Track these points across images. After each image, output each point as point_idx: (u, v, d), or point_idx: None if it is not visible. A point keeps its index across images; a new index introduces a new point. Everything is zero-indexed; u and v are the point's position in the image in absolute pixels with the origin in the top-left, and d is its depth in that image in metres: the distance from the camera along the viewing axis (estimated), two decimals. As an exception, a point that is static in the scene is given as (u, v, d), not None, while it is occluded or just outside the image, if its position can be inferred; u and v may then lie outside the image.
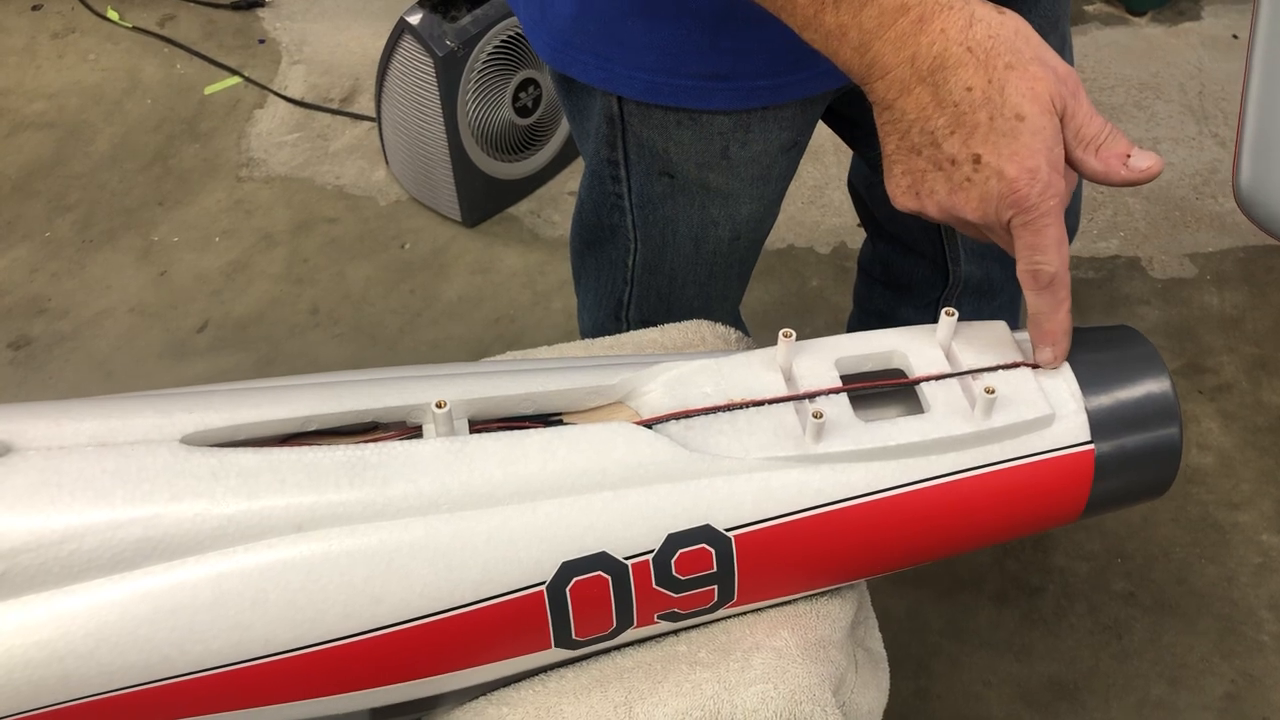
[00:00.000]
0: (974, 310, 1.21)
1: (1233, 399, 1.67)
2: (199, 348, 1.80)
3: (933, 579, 1.48)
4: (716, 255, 1.03)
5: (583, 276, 1.15)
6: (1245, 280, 1.82)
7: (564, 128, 2.03)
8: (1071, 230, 1.16)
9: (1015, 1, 0.93)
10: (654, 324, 0.98)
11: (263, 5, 2.42)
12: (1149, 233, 1.91)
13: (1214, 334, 1.75)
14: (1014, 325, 0.78)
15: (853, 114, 1.08)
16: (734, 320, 1.17)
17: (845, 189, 1.24)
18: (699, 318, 0.97)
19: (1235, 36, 2.25)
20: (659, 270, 1.05)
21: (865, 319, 1.36)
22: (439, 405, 0.67)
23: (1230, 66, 2.19)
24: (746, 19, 0.81)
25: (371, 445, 0.65)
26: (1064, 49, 1.02)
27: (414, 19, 1.79)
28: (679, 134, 0.90)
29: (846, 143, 1.15)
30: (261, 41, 2.35)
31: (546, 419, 0.72)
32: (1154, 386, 0.73)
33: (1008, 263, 1.15)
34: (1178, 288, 1.82)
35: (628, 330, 1.12)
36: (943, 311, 0.73)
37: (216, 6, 2.42)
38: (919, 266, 1.19)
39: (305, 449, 0.65)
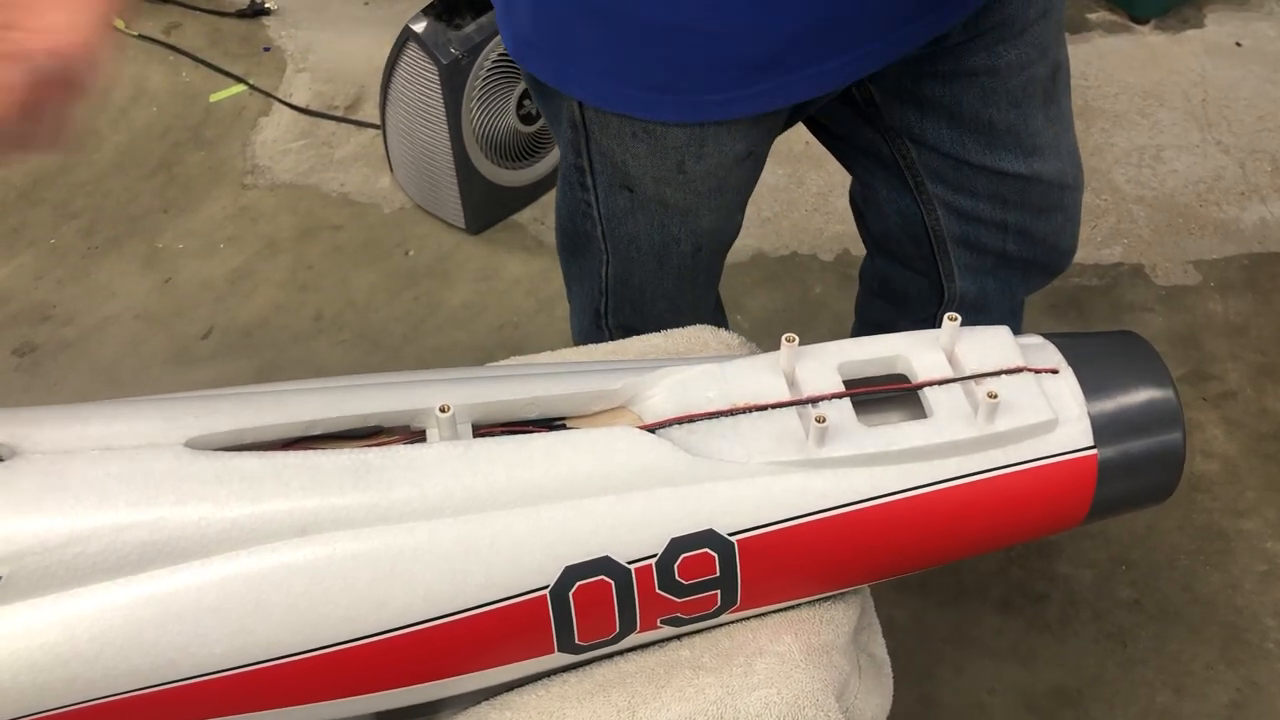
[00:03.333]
0: (972, 325, 1.21)
1: (1237, 406, 1.66)
2: (203, 354, 1.80)
3: (937, 586, 1.48)
4: (681, 269, 1.04)
5: (570, 283, 1.17)
6: (1249, 287, 1.82)
7: (568, 135, 2.03)
8: (1066, 253, 1.15)
9: (1001, 28, 0.94)
10: (632, 331, 0.98)
11: (268, 13, 2.43)
12: (1152, 240, 1.91)
13: (1218, 341, 1.75)
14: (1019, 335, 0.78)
15: (835, 128, 1.09)
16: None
17: (848, 196, 1.24)
18: (671, 326, 0.97)
19: (1239, 44, 2.25)
20: (629, 283, 1.06)
21: (864, 330, 1.36)
22: (443, 409, 0.67)
23: (1234, 73, 2.19)
24: (694, 31, 0.81)
25: (375, 449, 0.65)
26: (1056, 74, 1.02)
27: (418, 27, 1.80)
28: (635, 146, 0.91)
29: (837, 157, 1.15)
30: (267, 49, 2.35)
31: (550, 423, 0.72)
32: (1157, 391, 0.73)
33: (1002, 278, 1.16)
34: (1181, 295, 1.82)
35: (610, 337, 1.13)
36: (945, 316, 0.73)
37: (222, 15, 2.43)
38: (914, 282, 1.19)
39: (309, 453, 0.65)
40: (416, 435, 0.70)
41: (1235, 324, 1.77)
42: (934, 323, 1.22)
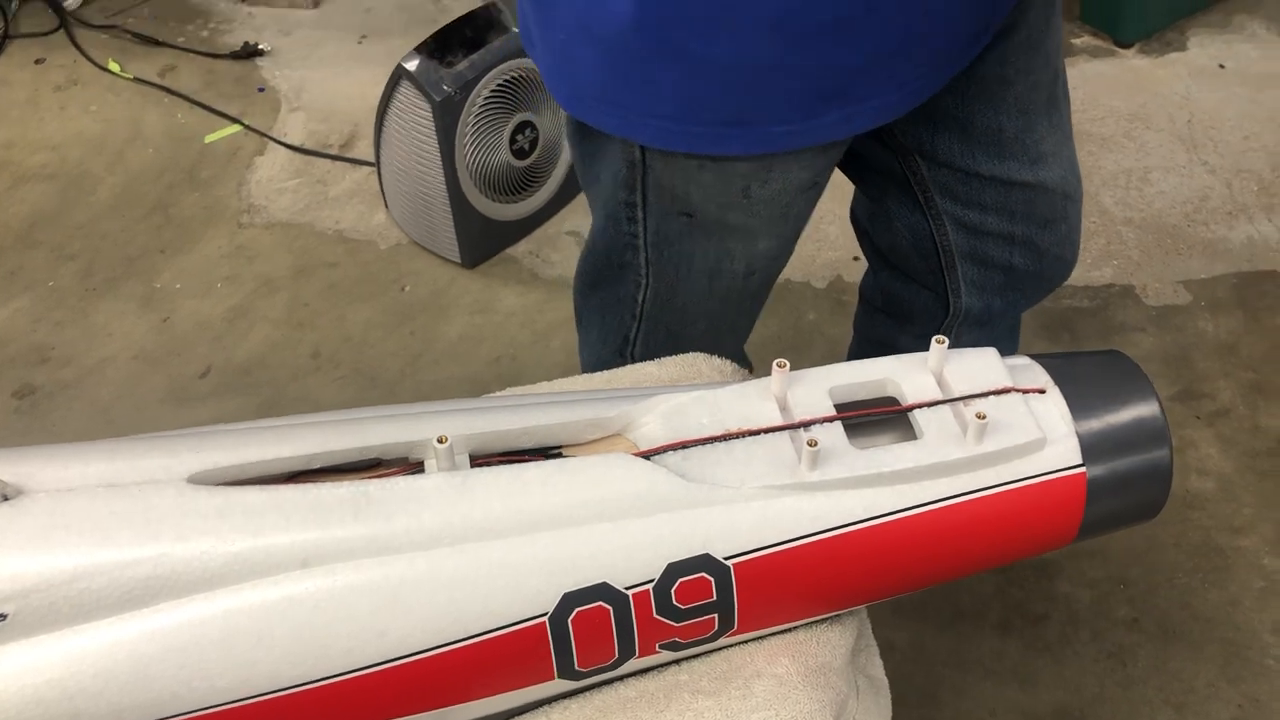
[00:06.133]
0: (973, 340, 1.22)
1: (1230, 424, 1.67)
2: (201, 393, 1.81)
3: (935, 608, 1.48)
4: (730, 290, 1.04)
5: (586, 314, 1.16)
6: (1239, 306, 1.84)
7: (561, 169, 2.05)
8: (1069, 264, 1.17)
9: (1009, 36, 0.96)
10: (659, 355, 0.99)
11: (262, 54, 2.46)
12: (1142, 260, 1.92)
13: (1209, 360, 1.76)
14: (1011, 354, 0.79)
15: (854, 147, 1.10)
16: (738, 356, 1.18)
17: (840, 223, 1.25)
18: (708, 349, 0.98)
19: (1222, 66, 2.28)
20: (670, 305, 1.06)
21: (865, 347, 1.36)
22: (440, 440, 0.68)
23: (1217, 95, 2.22)
24: (761, 66, 0.83)
25: (375, 481, 0.66)
26: (1057, 80, 1.04)
27: (411, 65, 1.82)
28: (701, 177, 0.92)
29: (847, 175, 1.17)
30: (261, 90, 2.38)
31: (546, 452, 0.73)
32: (1143, 409, 0.75)
33: (1007, 294, 1.17)
34: (1172, 314, 1.83)
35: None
36: (933, 339, 0.74)
37: (216, 56, 2.45)
38: (920, 297, 1.20)
39: (310, 486, 0.66)
40: (415, 466, 0.71)
41: (1226, 342, 1.79)
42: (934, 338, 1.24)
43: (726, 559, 0.68)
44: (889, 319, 1.27)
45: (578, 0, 0.84)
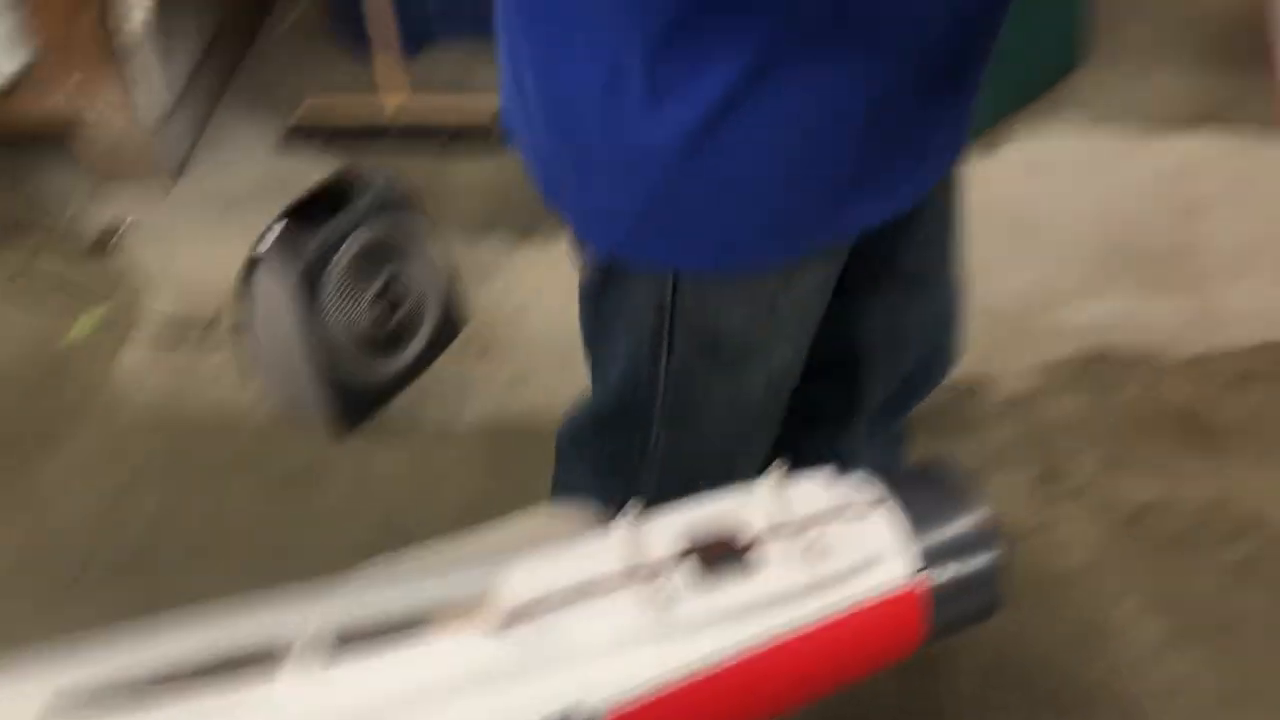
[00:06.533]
0: (871, 436, 1.26)
1: (1092, 499, 1.75)
2: (78, 595, 1.76)
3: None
4: (749, 408, 1.05)
5: (580, 459, 1.16)
6: (1085, 385, 1.93)
7: (430, 322, 2.08)
8: (955, 362, 1.22)
9: None
10: (670, 492, 0.98)
11: (121, 241, 2.44)
12: (992, 351, 2.01)
13: (1065, 439, 1.85)
14: (897, 453, 0.82)
15: None
16: (756, 471, 1.18)
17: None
18: (725, 474, 0.97)
19: (1046, 159, 2.43)
20: (684, 433, 1.06)
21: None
22: (295, 637, 0.69)
23: (1045, 188, 2.36)
24: (798, 170, 0.87)
25: (223, 694, 0.67)
26: (962, 184, 1.11)
27: (269, 238, 1.84)
28: (732, 305, 0.95)
29: None
30: (122, 275, 2.37)
31: (407, 628, 0.75)
32: (973, 516, 0.79)
33: (908, 393, 1.21)
34: (1026, 400, 1.92)
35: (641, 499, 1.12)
36: (771, 466, 0.79)
37: (76, 243, 2.43)
38: (831, 397, 1.23)
39: (165, 705, 0.66)
40: (278, 660, 0.72)
41: (1078, 420, 1.88)
42: (843, 436, 1.25)
43: (589, 719, 0.69)
44: (796, 419, 1.30)
45: (617, 140, 0.87)
